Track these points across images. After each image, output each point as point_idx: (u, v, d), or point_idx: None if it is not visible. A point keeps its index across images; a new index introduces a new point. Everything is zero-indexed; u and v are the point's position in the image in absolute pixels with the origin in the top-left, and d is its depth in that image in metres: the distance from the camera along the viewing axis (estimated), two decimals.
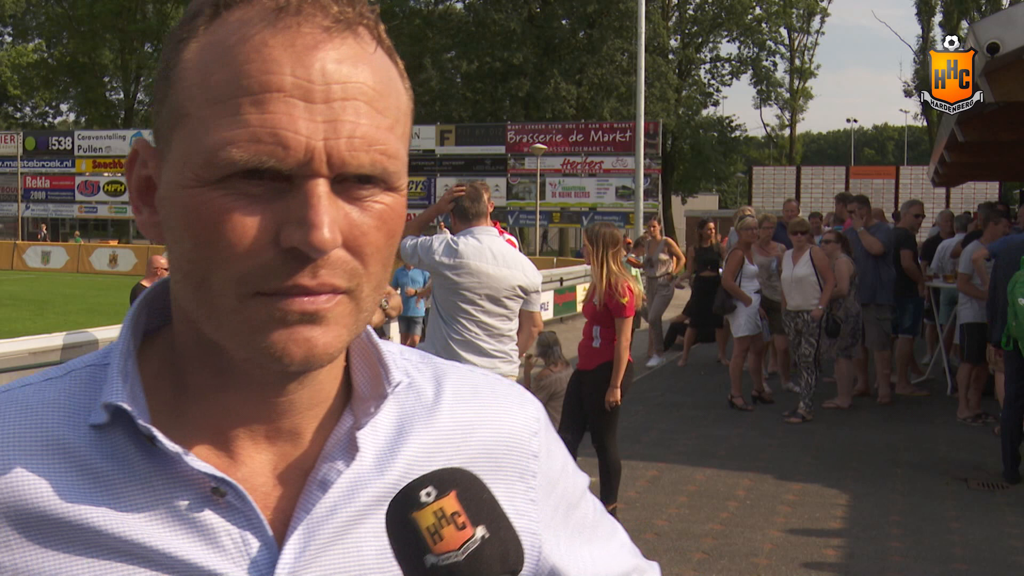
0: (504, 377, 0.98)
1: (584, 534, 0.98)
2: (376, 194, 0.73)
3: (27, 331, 12.57)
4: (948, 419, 9.04)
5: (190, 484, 0.77)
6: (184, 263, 0.73)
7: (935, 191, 26.07)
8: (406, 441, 0.85)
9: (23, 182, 44.52)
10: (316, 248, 0.69)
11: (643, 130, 24.03)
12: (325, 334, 0.73)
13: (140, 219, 0.79)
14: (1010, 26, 6.12)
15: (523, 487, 0.90)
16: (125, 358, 0.79)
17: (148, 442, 0.76)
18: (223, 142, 0.69)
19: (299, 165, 0.69)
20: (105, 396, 0.77)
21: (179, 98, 0.72)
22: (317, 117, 0.69)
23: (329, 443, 0.82)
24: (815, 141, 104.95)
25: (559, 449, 0.97)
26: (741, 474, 7.14)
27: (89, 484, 0.76)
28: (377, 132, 0.72)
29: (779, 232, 10.33)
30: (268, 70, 0.69)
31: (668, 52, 48.62)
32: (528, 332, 5.35)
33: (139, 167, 0.79)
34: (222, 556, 0.76)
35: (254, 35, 0.71)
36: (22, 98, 62.64)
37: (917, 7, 53.55)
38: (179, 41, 0.74)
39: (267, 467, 0.80)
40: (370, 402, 0.83)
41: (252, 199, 0.70)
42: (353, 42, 0.72)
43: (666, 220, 42.58)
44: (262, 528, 0.78)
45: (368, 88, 0.72)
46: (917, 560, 5.45)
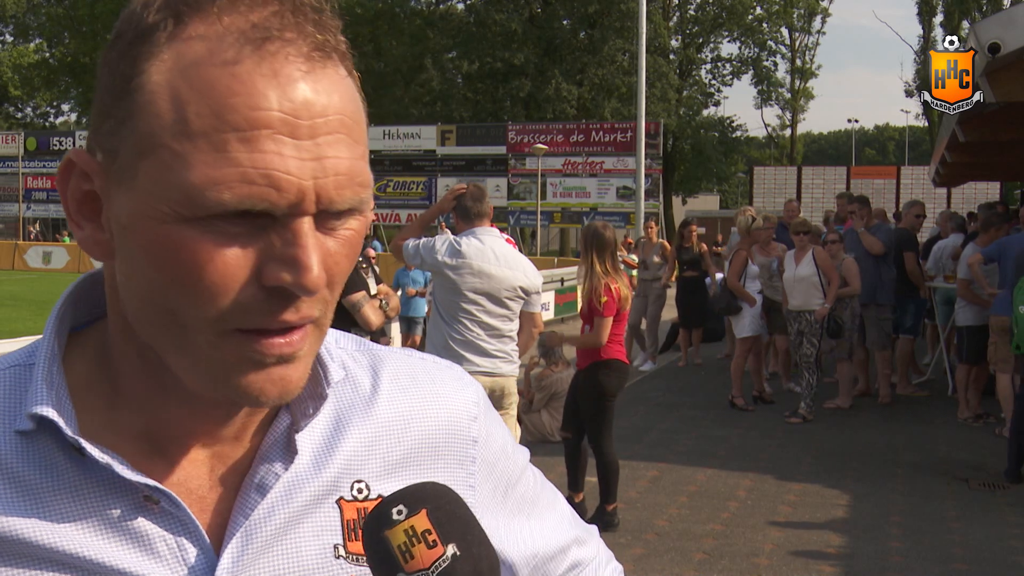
0: (459, 368, 0.98)
1: (524, 510, 0.98)
2: (347, 222, 0.72)
3: (27, 331, 12.58)
4: (948, 419, 9.04)
5: (122, 492, 0.75)
6: (149, 296, 0.70)
7: (936, 191, 26.05)
8: (344, 437, 0.83)
9: (24, 182, 44.54)
10: (308, 290, 0.68)
11: (644, 130, 24.02)
12: (297, 370, 0.73)
13: (81, 235, 0.75)
14: (1011, 26, 6.12)
15: (463, 474, 0.90)
16: (50, 363, 0.76)
17: (76, 452, 0.74)
18: (210, 182, 0.66)
19: (290, 206, 0.67)
20: (29, 405, 0.74)
21: (148, 126, 0.68)
22: (304, 155, 0.67)
23: (265, 444, 0.80)
24: (816, 141, 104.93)
25: (498, 430, 0.96)
26: (742, 474, 7.14)
27: (15, 494, 0.73)
28: (355, 164, 0.70)
29: (780, 232, 10.33)
30: (255, 105, 0.66)
31: (669, 52, 48.61)
32: (528, 333, 5.35)
33: (77, 180, 0.73)
34: (158, 563, 0.75)
35: (235, 63, 0.67)
36: (23, 98, 62.70)
37: (918, 7, 53.52)
38: (138, 57, 0.69)
39: (204, 470, 0.79)
40: (308, 402, 0.81)
41: (232, 237, 0.68)
42: (332, 71, 0.70)
43: (667, 220, 42.57)
44: (198, 534, 0.76)
45: (347, 119, 0.70)
46: (917, 560, 5.45)
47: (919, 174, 30.95)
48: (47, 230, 44.86)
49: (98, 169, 0.72)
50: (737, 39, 51.88)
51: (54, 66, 59.38)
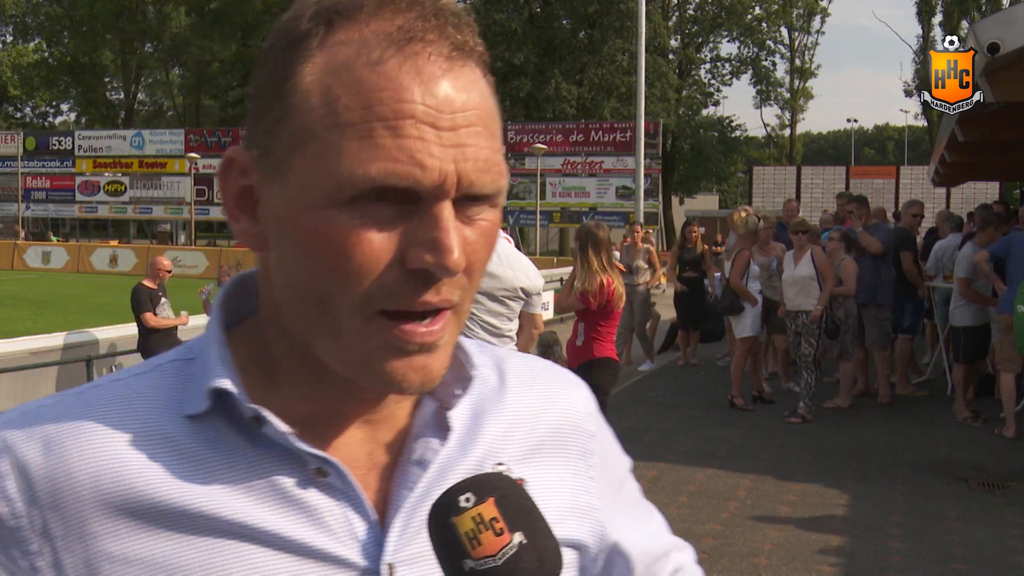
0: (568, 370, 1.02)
1: (631, 510, 1.02)
2: (484, 211, 0.76)
3: (27, 331, 12.58)
4: (948, 419, 9.04)
5: (293, 465, 0.78)
6: (302, 282, 0.75)
7: (935, 191, 26.07)
8: (483, 424, 0.88)
9: (23, 182, 44.53)
10: (449, 270, 0.72)
11: (643, 130, 24.04)
12: (438, 359, 0.77)
13: (238, 228, 0.80)
14: (1010, 26, 6.12)
15: (584, 465, 0.94)
16: (221, 346, 0.81)
17: (253, 424, 0.78)
18: (359, 162, 0.71)
19: (434, 186, 0.72)
20: (207, 381, 0.79)
21: (302, 121, 0.73)
22: (446, 142, 0.72)
23: (417, 424, 0.84)
24: (815, 141, 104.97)
25: (608, 429, 1.01)
26: (741, 474, 7.14)
27: (193, 470, 0.77)
28: (493, 154, 0.75)
29: (779, 232, 10.33)
30: (400, 98, 0.71)
31: (668, 52, 48.64)
32: (528, 334, 5.36)
33: (236, 176, 0.79)
34: (329, 535, 0.78)
35: (382, 62, 0.72)
36: (22, 98, 62.71)
37: (917, 7, 53.55)
38: (292, 61, 0.75)
39: (360, 450, 0.83)
40: (453, 385, 0.85)
41: (379, 221, 0.72)
42: (469, 70, 0.75)
43: (666, 220, 42.59)
44: (363, 508, 0.80)
45: (484, 114, 0.75)
46: (917, 560, 5.45)
47: (918, 174, 30.97)
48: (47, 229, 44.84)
49: (254, 165, 0.77)
50: (736, 39, 51.92)
51: (53, 66, 59.41)
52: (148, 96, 64.39)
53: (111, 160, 43.68)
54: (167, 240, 43.81)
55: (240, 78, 54.43)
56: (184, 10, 54.73)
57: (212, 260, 31.24)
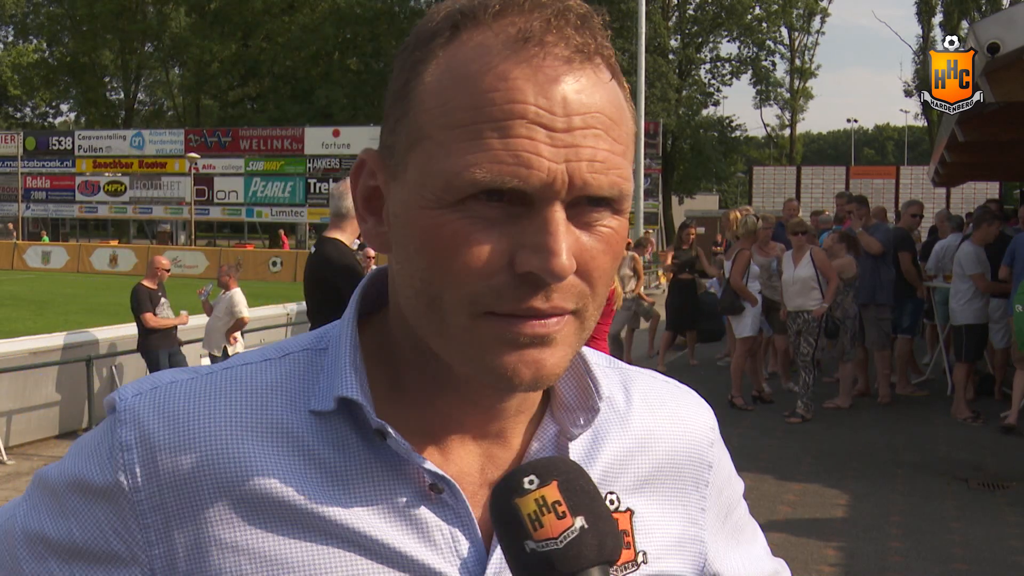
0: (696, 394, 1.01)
1: (735, 537, 1.01)
2: (605, 218, 0.74)
3: (27, 331, 12.57)
4: (948, 419, 9.04)
5: (409, 479, 0.79)
6: (416, 281, 0.74)
7: (935, 191, 26.06)
8: (602, 448, 0.86)
9: (23, 182, 44.52)
10: (554, 275, 0.70)
11: (643, 130, 24.05)
12: (553, 355, 0.74)
13: (364, 228, 0.81)
14: (1010, 26, 6.11)
15: (697, 496, 0.93)
16: (353, 351, 0.81)
17: (377, 436, 0.78)
18: (465, 164, 0.70)
19: (542, 186, 0.70)
20: (336, 388, 0.79)
21: (418, 120, 0.73)
22: (558, 143, 0.70)
23: (535, 447, 0.83)
24: (815, 141, 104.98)
25: (727, 457, 1.01)
26: (741, 474, 7.01)
27: (312, 471, 0.78)
28: (614, 157, 0.73)
29: (779, 232, 10.33)
30: (511, 99, 0.70)
31: (668, 52, 48.63)
32: None
33: (366, 177, 0.80)
34: (435, 552, 0.78)
35: (497, 64, 0.71)
36: (22, 98, 62.72)
37: (917, 7, 53.55)
38: (417, 61, 0.75)
39: (475, 466, 0.82)
40: (578, 413, 0.84)
41: (489, 222, 0.71)
42: (592, 72, 0.73)
43: (666, 220, 42.56)
44: (472, 527, 0.79)
45: (605, 117, 0.73)
46: (917, 560, 5.45)
47: (918, 174, 30.96)
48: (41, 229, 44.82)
49: (381, 166, 0.79)
50: (736, 39, 51.91)
51: (53, 66, 59.41)
52: (148, 96, 64.40)
53: (111, 160, 43.67)
54: (167, 240, 43.79)
55: (240, 78, 54.44)
56: (184, 10, 54.71)
57: (212, 260, 31.24)
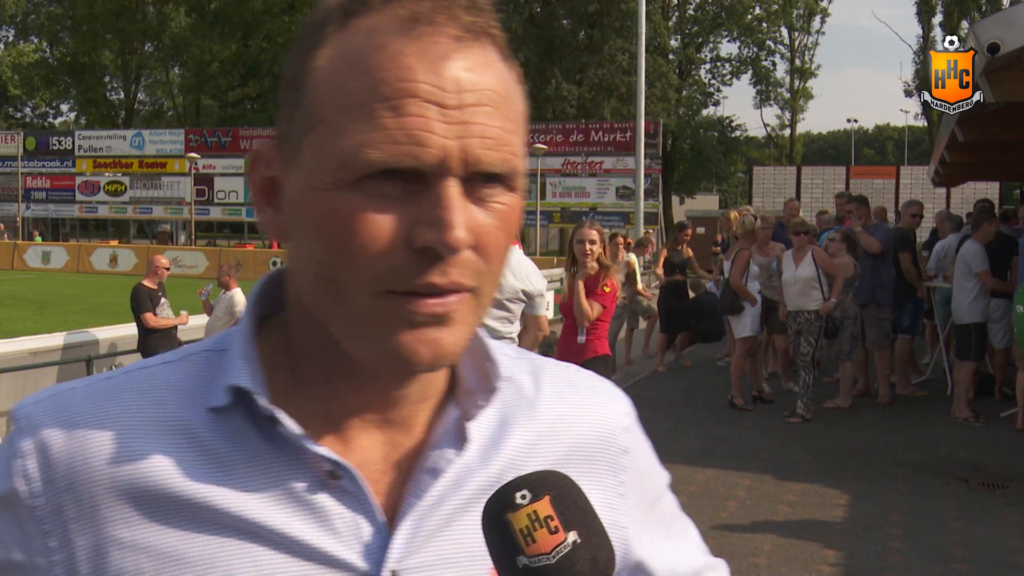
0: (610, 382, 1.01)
1: (663, 529, 1.00)
2: (498, 194, 0.75)
3: (27, 331, 12.58)
4: (948, 419, 9.04)
5: (307, 467, 0.79)
6: (314, 264, 0.75)
7: (935, 191, 26.05)
8: (509, 434, 0.87)
9: (23, 182, 44.53)
10: (450, 247, 0.71)
11: (643, 130, 24.03)
12: (451, 334, 0.75)
13: (262, 219, 0.81)
14: (1010, 26, 6.11)
15: (614, 481, 0.92)
16: (248, 341, 0.82)
17: (270, 423, 0.78)
18: (360, 144, 0.71)
19: (436, 163, 0.71)
20: (228, 378, 0.79)
21: (312, 104, 0.74)
22: (450, 119, 0.71)
23: (437, 432, 0.84)
24: (815, 141, 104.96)
25: (646, 445, 1.00)
26: (741, 474, 7.14)
27: (209, 464, 0.78)
28: (505, 135, 0.74)
29: (779, 232, 10.33)
30: (403, 77, 0.71)
31: (668, 52, 48.63)
32: (533, 335, 5.37)
33: (263, 168, 0.80)
34: (335, 539, 0.78)
35: (388, 43, 0.72)
36: (22, 98, 62.71)
37: (917, 7, 53.54)
38: (309, 48, 0.76)
39: (377, 454, 0.82)
40: (478, 395, 0.84)
41: (385, 200, 0.72)
42: (480, 51, 0.75)
43: (666, 220, 42.56)
44: (373, 513, 0.79)
45: (496, 94, 0.74)
46: (917, 560, 5.45)
47: (918, 174, 30.96)
48: (34, 229, 44.81)
49: (276, 155, 0.79)
50: (736, 39, 51.90)
51: (53, 66, 59.41)
52: (148, 96, 64.39)
53: (111, 160, 43.67)
54: (167, 240, 43.80)
55: (240, 78, 54.43)
56: (184, 10, 54.72)
57: (212, 260, 31.25)
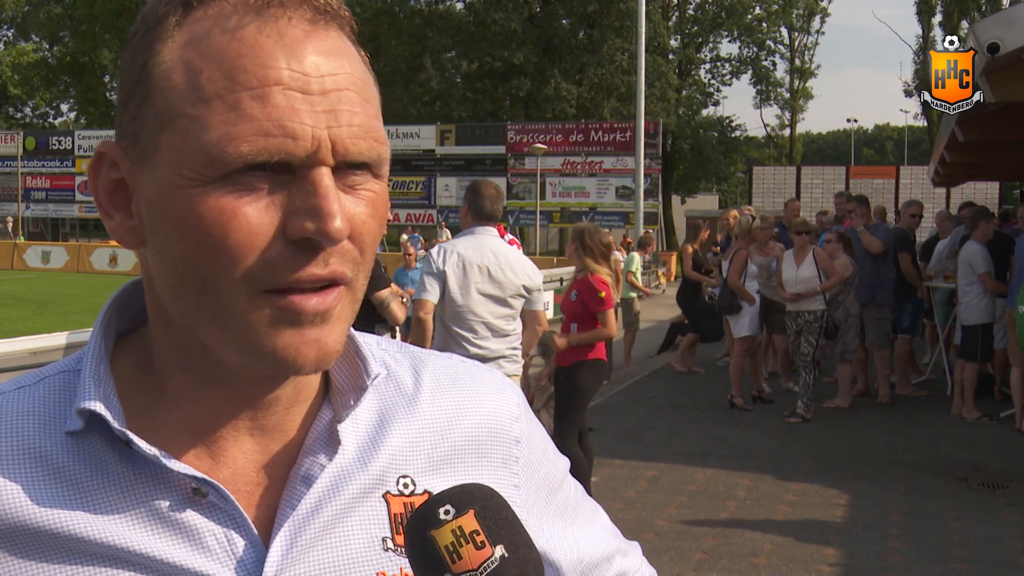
0: (498, 371, 0.98)
1: (567, 517, 0.98)
2: (367, 182, 0.74)
3: (27, 331, 12.57)
4: (948, 419, 9.04)
5: (170, 486, 0.75)
6: (181, 267, 0.71)
7: (935, 191, 26.06)
8: (388, 432, 0.84)
9: (23, 182, 44.52)
10: (331, 237, 0.69)
11: (643, 130, 24.02)
12: (332, 332, 0.73)
13: (111, 224, 0.77)
14: (1010, 26, 6.11)
15: (507, 473, 0.90)
16: (97, 362, 0.78)
17: (125, 446, 0.75)
18: (228, 137, 0.68)
19: (307, 155, 0.69)
20: (78, 401, 0.75)
21: (165, 100, 0.71)
22: (317, 108, 0.69)
23: (310, 437, 0.81)
24: (815, 141, 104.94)
25: (539, 433, 0.97)
26: (741, 474, 7.14)
27: (67, 491, 0.74)
28: (370, 120, 0.72)
29: (780, 232, 10.32)
30: (264, 64, 0.69)
31: (668, 52, 48.61)
32: (533, 330, 5.37)
33: (108, 170, 0.76)
34: (207, 557, 0.75)
35: (240, 28, 0.70)
36: (22, 98, 62.67)
37: (917, 7, 53.55)
38: (152, 42, 0.72)
39: (250, 464, 0.79)
40: (349, 395, 0.82)
41: (255, 193, 0.69)
42: (336, 34, 0.73)
43: (666, 220, 42.57)
44: (247, 527, 0.76)
45: (356, 79, 0.73)
46: (917, 560, 5.45)
47: (918, 174, 30.97)
48: (53, 229, 44.81)
49: (124, 156, 0.74)
50: (736, 39, 51.88)
51: (53, 66, 59.38)
52: None
53: None
54: None
55: None
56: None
57: None
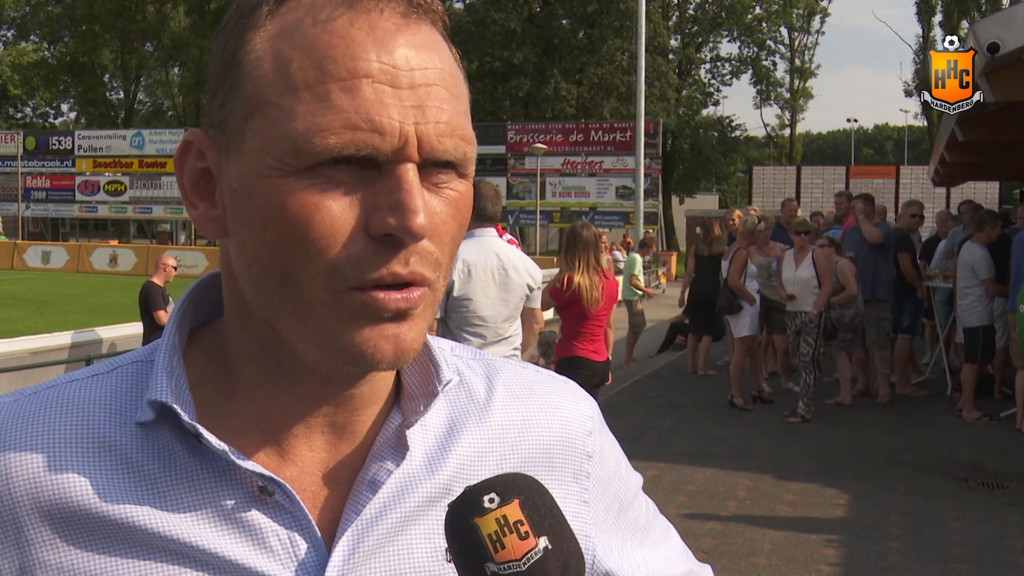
0: (574, 383, 0.95)
1: (637, 536, 0.96)
2: (451, 181, 0.73)
3: (27, 331, 12.57)
4: (948, 419, 9.04)
5: (237, 483, 0.75)
6: (264, 257, 0.70)
7: (935, 191, 26.05)
8: (457, 440, 0.83)
9: (23, 182, 44.51)
10: (413, 233, 0.68)
11: (643, 130, 24.01)
12: (411, 329, 0.72)
13: (195, 214, 0.76)
14: (1010, 26, 6.11)
15: (577, 488, 0.88)
16: (171, 354, 0.78)
17: (194, 440, 0.75)
18: (315, 128, 0.67)
19: (393, 150, 0.68)
20: (150, 393, 0.75)
21: (254, 87, 0.70)
22: (406, 102, 0.69)
23: (378, 442, 0.80)
24: (815, 141, 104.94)
25: (613, 449, 0.95)
26: (741, 474, 7.14)
27: (135, 483, 0.74)
28: (457, 117, 0.71)
29: (778, 232, 10.31)
30: (354, 55, 0.68)
31: (668, 52, 48.63)
32: (530, 328, 5.37)
33: (193, 159, 0.76)
34: (269, 557, 0.74)
35: (332, 20, 0.69)
36: (22, 98, 62.66)
37: (917, 7, 53.56)
38: (244, 29, 0.72)
39: (318, 466, 0.78)
40: (419, 400, 0.81)
41: (340, 186, 0.68)
42: (428, 29, 0.72)
43: (666, 220, 42.57)
44: (310, 529, 0.76)
45: (446, 74, 0.72)
46: (917, 560, 5.45)
47: (918, 174, 30.96)
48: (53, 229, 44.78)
49: (211, 144, 0.74)
50: (736, 39, 51.92)
51: (53, 65, 59.37)
52: (148, 96, 64.39)
53: (111, 160, 43.64)
54: (167, 240, 43.80)
55: None
56: (184, 10, 54.70)
57: (212, 260, 31.24)
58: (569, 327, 6.05)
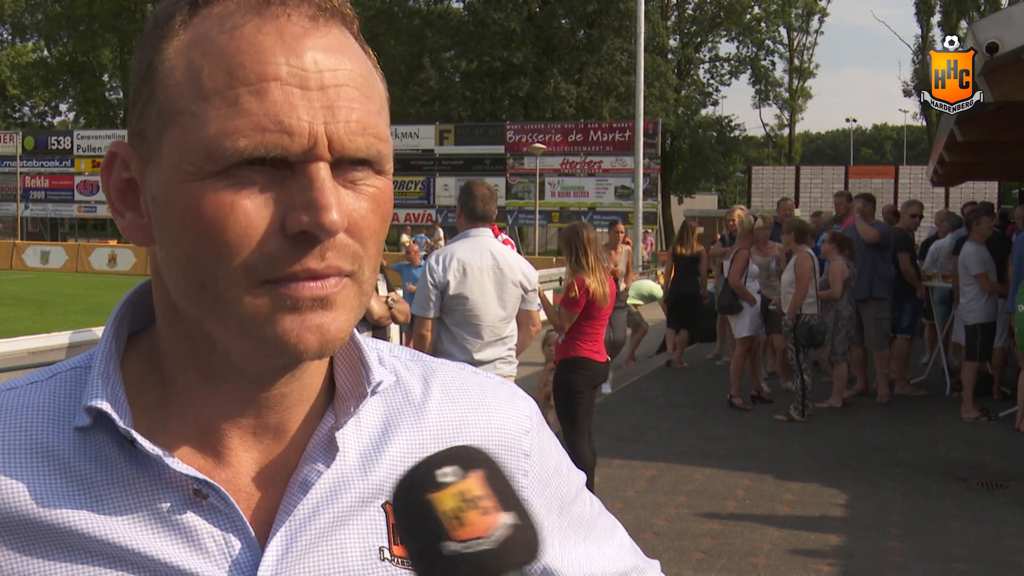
0: (503, 377, 0.96)
1: (580, 532, 0.96)
2: (368, 177, 0.74)
3: (27, 331, 12.56)
4: (947, 419, 9.04)
5: (172, 486, 0.76)
6: (184, 261, 0.72)
7: (934, 191, 26.06)
8: (392, 440, 0.84)
9: (22, 182, 44.49)
10: (326, 229, 0.70)
11: (642, 130, 24.03)
12: (336, 319, 0.73)
13: (123, 223, 0.78)
14: (1009, 26, 6.11)
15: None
16: (107, 360, 0.79)
17: (130, 445, 0.76)
18: (225, 132, 0.69)
19: (303, 151, 0.70)
20: (86, 399, 0.76)
21: (168, 97, 0.72)
22: (315, 103, 0.70)
23: (311, 443, 0.81)
24: (814, 141, 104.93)
25: (552, 447, 0.95)
26: (740, 474, 7.14)
27: (73, 487, 0.75)
28: (369, 116, 0.73)
29: (777, 232, 10.31)
30: (263, 60, 0.70)
31: (667, 52, 48.65)
32: (527, 331, 5.36)
33: (119, 169, 0.77)
34: (204, 558, 0.76)
35: (241, 27, 0.71)
36: (21, 98, 62.63)
37: (916, 7, 53.59)
38: (159, 40, 0.74)
39: (252, 467, 0.80)
40: (351, 401, 0.82)
41: (254, 186, 0.70)
42: (337, 31, 0.74)
43: (665, 220, 42.57)
44: (245, 530, 0.77)
45: (356, 75, 0.73)
46: (917, 560, 5.45)
47: (917, 174, 30.97)
48: (52, 229, 44.76)
49: (134, 155, 0.76)
50: (735, 39, 51.94)
51: (52, 65, 59.37)
52: None
53: None
54: None
55: None
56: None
57: None
58: (573, 327, 6.02)
